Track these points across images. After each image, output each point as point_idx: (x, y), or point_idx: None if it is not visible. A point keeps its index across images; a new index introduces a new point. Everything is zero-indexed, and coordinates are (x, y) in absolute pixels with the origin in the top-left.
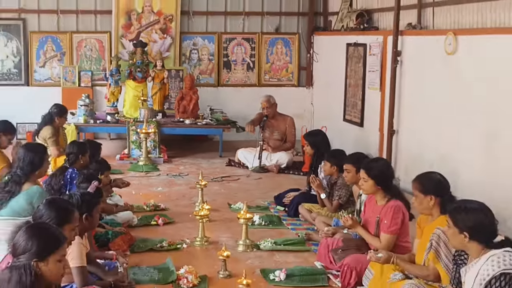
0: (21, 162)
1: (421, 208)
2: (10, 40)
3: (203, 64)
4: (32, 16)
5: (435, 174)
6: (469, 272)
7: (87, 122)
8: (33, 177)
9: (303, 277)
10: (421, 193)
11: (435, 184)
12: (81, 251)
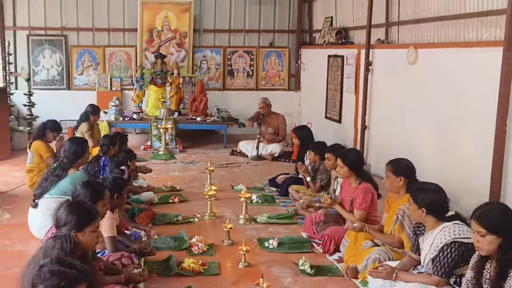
0: (67, 153)
1: (391, 187)
2: (54, 53)
3: (211, 72)
4: (72, 33)
5: (405, 159)
6: (426, 240)
7: (117, 119)
8: (76, 164)
9: (292, 245)
10: (393, 174)
11: (405, 167)
12: (112, 224)
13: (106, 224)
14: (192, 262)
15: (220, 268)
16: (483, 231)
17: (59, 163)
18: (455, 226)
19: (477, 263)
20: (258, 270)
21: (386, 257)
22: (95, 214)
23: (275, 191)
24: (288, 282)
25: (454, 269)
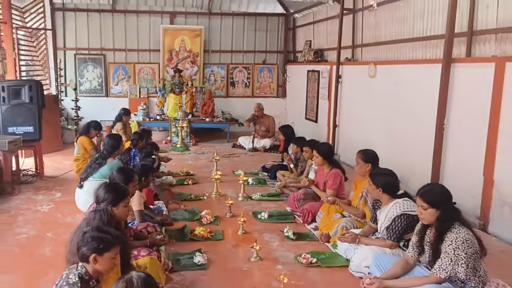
0: (106, 146)
1: (360, 171)
2: (95, 68)
3: (217, 83)
4: (109, 52)
5: (372, 150)
6: (382, 213)
7: (144, 120)
8: (113, 155)
9: (279, 217)
10: (362, 161)
11: (371, 156)
12: (140, 200)
13: (135, 200)
14: (202, 230)
15: (223, 235)
16: (425, 205)
17: (100, 154)
18: (404, 202)
19: (420, 230)
20: (253, 236)
21: (351, 226)
22: (126, 193)
23: (266, 175)
24: (276, 245)
25: (403, 235)
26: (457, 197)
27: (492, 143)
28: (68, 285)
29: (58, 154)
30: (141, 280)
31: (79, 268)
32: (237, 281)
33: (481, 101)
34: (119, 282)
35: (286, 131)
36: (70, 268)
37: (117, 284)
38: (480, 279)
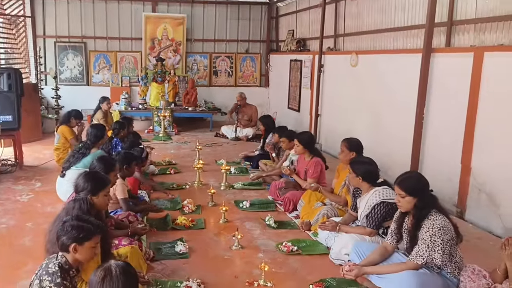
0: (90, 136)
1: (344, 159)
2: (76, 56)
3: (200, 72)
4: (90, 40)
5: (356, 138)
6: (362, 201)
7: (126, 109)
8: (97, 145)
9: (260, 205)
10: (347, 149)
11: (356, 144)
12: (123, 188)
13: (118, 189)
14: (184, 219)
15: (205, 223)
16: (403, 193)
17: (83, 144)
18: (384, 190)
19: (399, 218)
20: (234, 225)
21: (332, 213)
22: (106, 182)
23: (249, 164)
24: (257, 233)
25: (382, 223)
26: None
27: (469, 132)
28: (48, 274)
29: (38, 143)
30: (120, 268)
31: (59, 257)
32: (219, 269)
33: (459, 90)
34: (98, 271)
35: (266, 121)
36: (49, 258)
37: (95, 273)
38: (456, 264)
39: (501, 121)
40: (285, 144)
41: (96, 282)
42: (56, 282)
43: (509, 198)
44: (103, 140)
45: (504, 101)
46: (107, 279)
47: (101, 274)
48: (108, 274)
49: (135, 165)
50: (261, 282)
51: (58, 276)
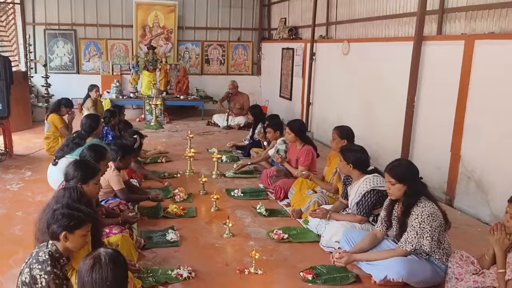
0: (84, 126)
1: (336, 147)
2: (66, 44)
3: (192, 60)
4: (80, 28)
5: (348, 126)
6: (352, 189)
7: (118, 97)
8: (92, 135)
9: (252, 193)
10: (338, 137)
11: (347, 132)
12: (118, 179)
13: (113, 181)
14: (175, 208)
15: (196, 212)
16: (393, 180)
17: (78, 134)
18: (374, 178)
19: (389, 205)
20: (225, 213)
21: (323, 201)
22: (96, 170)
23: (240, 153)
24: (248, 221)
25: (373, 210)
26: (425, 173)
27: (459, 120)
28: (38, 263)
29: (28, 132)
30: (109, 256)
31: (49, 246)
32: (210, 257)
33: (450, 78)
34: (87, 259)
35: (255, 110)
36: (40, 246)
37: (84, 261)
38: (444, 251)
39: (490, 109)
40: (270, 134)
41: (85, 270)
42: (47, 271)
43: (497, 185)
44: (98, 130)
45: (493, 89)
46: (96, 267)
47: (90, 262)
48: (98, 262)
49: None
50: (252, 270)
51: (48, 265)
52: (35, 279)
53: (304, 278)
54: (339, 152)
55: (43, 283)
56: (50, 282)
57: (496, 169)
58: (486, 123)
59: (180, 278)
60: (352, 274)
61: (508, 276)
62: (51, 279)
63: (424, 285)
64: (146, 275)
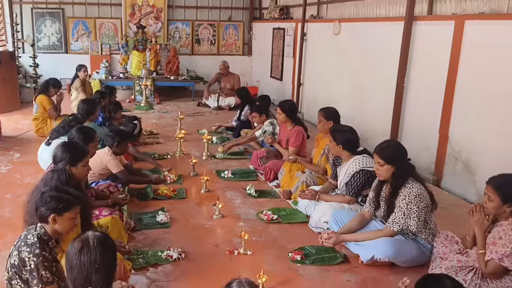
0: (80, 110)
1: (323, 129)
2: (54, 23)
3: (182, 40)
4: (68, 6)
5: (333, 107)
6: (342, 169)
7: (107, 78)
8: (88, 120)
9: (242, 174)
10: (324, 119)
11: (333, 113)
12: (117, 162)
13: (112, 164)
14: (165, 189)
15: (187, 193)
16: (381, 162)
17: (74, 117)
18: (363, 158)
19: (377, 186)
20: (215, 194)
21: (311, 181)
22: (85, 152)
23: (231, 134)
24: (238, 202)
25: (361, 191)
26: (414, 154)
27: (448, 100)
28: (27, 245)
29: (16, 113)
30: (98, 239)
31: (37, 228)
32: (200, 238)
33: (440, 59)
34: (75, 242)
35: (242, 93)
36: (28, 229)
37: (73, 244)
38: (430, 231)
39: (479, 90)
40: (256, 119)
41: (74, 253)
42: (35, 253)
43: (484, 165)
44: (94, 115)
45: (483, 70)
46: (84, 250)
47: (79, 245)
48: (86, 245)
49: (127, 144)
50: (241, 251)
51: (37, 247)
52: (24, 262)
53: (293, 258)
54: (328, 133)
55: (32, 265)
56: (39, 265)
57: (483, 150)
58: (474, 104)
59: (170, 259)
60: (340, 254)
61: (487, 257)
62: (40, 261)
63: (410, 264)
64: (136, 256)
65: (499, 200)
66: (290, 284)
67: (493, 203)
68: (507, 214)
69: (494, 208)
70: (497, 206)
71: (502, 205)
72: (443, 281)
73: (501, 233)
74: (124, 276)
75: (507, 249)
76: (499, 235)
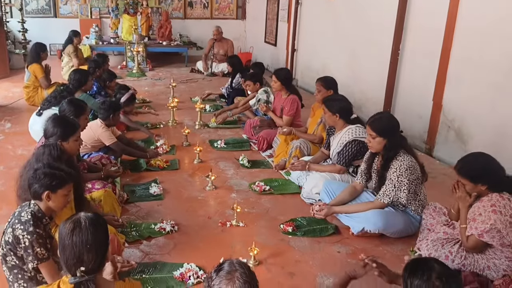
0: (72, 80)
1: (319, 98)
2: None
3: (175, 3)
4: None
5: (331, 76)
6: (335, 139)
7: (97, 43)
8: (81, 90)
9: (235, 144)
10: (324, 88)
11: (332, 82)
12: (109, 134)
13: (105, 136)
14: (158, 160)
15: (179, 164)
16: (373, 134)
17: (65, 87)
18: (357, 128)
19: (369, 158)
20: (208, 165)
21: (304, 146)
22: (76, 127)
23: (224, 102)
24: (231, 173)
25: (352, 161)
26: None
27: (443, 68)
28: (21, 223)
29: (6, 80)
30: (89, 220)
31: (31, 205)
32: (192, 210)
33: (435, 27)
34: (67, 223)
35: (233, 61)
36: (22, 206)
37: (65, 224)
38: (420, 203)
39: (473, 60)
40: (250, 87)
41: (66, 234)
42: (29, 231)
43: (476, 134)
44: (86, 86)
45: (477, 40)
46: (76, 230)
47: (70, 226)
48: (77, 226)
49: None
50: (234, 223)
51: (31, 225)
52: (18, 239)
53: (284, 230)
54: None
55: (26, 243)
56: (33, 242)
57: (475, 120)
58: (468, 74)
59: (163, 232)
60: (331, 225)
61: (467, 232)
62: (34, 238)
63: (399, 235)
64: (129, 229)
65: (470, 182)
66: (281, 256)
67: (468, 186)
68: (486, 191)
69: (470, 189)
70: (471, 188)
71: (475, 186)
72: (431, 264)
73: (480, 209)
74: (118, 250)
75: (486, 225)
76: (479, 211)
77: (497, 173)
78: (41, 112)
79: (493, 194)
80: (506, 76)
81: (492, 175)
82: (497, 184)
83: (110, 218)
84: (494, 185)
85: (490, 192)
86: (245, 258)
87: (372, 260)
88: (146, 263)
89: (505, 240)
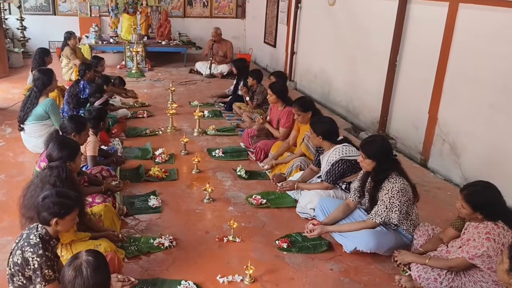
0: (35, 82)
1: (303, 121)
2: None
3: (174, 2)
4: None
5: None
6: (324, 158)
7: (97, 43)
8: (45, 92)
9: (232, 153)
10: (302, 112)
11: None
12: (95, 146)
13: (90, 146)
14: (157, 170)
15: (178, 174)
16: (364, 155)
17: (30, 93)
18: (344, 148)
19: (363, 177)
20: (206, 175)
21: (305, 164)
22: (79, 146)
23: (223, 107)
24: (228, 184)
25: (342, 178)
26: (403, 132)
27: (439, 82)
28: (30, 246)
29: (5, 80)
30: (91, 266)
31: (39, 229)
32: (191, 224)
33: (432, 40)
34: (69, 270)
35: (238, 64)
36: (30, 228)
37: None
38: (412, 222)
39: (469, 75)
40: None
41: (68, 281)
42: (39, 254)
43: (469, 148)
44: (52, 86)
45: (473, 54)
46: (78, 279)
47: (72, 274)
48: (79, 275)
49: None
50: (230, 238)
51: (40, 248)
52: (27, 261)
53: (280, 246)
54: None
55: (36, 265)
56: (42, 264)
57: (469, 134)
58: (463, 89)
59: (162, 247)
60: (325, 242)
61: (458, 255)
62: (43, 261)
63: (391, 253)
64: (128, 244)
65: (470, 209)
66: (276, 273)
67: (466, 211)
68: (480, 219)
69: (467, 214)
70: (469, 213)
71: (474, 212)
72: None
73: (475, 235)
74: (118, 268)
75: (478, 251)
76: (473, 237)
77: (498, 207)
78: (22, 127)
79: (489, 222)
80: (500, 94)
81: (493, 208)
82: (494, 215)
83: (110, 234)
84: (491, 215)
85: (485, 220)
86: (241, 275)
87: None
88: (145, 279)
89: (493, 264)
